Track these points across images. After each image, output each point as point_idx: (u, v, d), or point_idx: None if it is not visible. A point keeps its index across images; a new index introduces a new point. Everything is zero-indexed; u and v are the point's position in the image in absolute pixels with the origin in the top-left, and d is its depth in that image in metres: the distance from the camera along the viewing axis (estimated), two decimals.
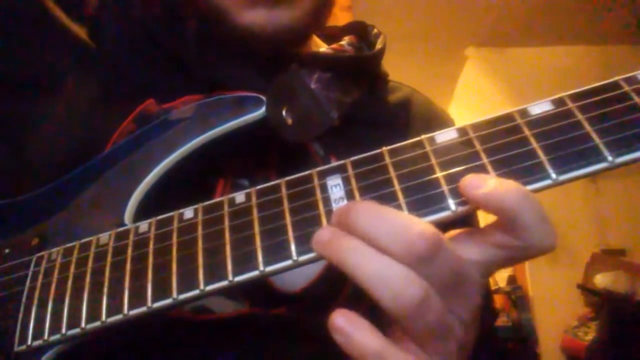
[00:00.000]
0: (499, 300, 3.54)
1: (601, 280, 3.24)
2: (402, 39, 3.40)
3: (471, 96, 4.04)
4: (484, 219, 0.43)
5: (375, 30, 0.72)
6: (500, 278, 3.60)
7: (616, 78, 0.37)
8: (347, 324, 0.35)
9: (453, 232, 0.38)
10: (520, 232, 0.34)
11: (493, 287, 3.31)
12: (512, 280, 3.59)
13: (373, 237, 0.35)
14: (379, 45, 0.69)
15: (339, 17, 2.25)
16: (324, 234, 0.37)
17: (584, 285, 3.26)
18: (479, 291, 0.37)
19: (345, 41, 0.69)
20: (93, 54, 0.59)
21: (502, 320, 3.37)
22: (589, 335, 3.10)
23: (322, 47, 0.70)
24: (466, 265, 0.36)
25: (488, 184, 0.34)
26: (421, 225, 0.34)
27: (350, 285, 0.55)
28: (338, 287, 0.56)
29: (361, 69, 0.67)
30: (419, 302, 0.33)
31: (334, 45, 0.68)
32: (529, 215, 0.34)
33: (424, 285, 0.34)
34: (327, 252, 0.36)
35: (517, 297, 3.47)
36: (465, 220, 0.38)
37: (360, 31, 0.73)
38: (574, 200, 3.43)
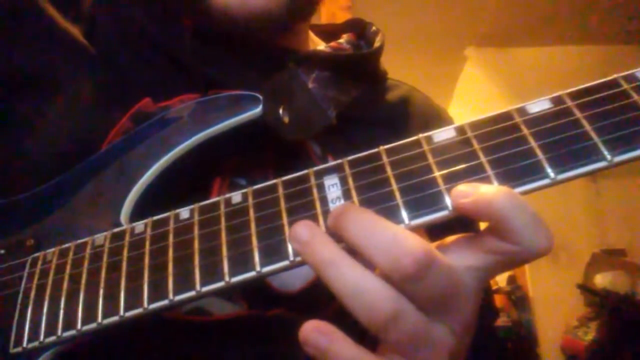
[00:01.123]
0: (499, 300, 3.54)
1: (601, 280, 3.24)
2: (402, 39, 3.40)
3: (471, 96, 4.05)
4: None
5: (374, 28, 0.72)
6: (500, 278, 3.60)
7: (615, 76, 0.37)
8: (319, 337, 0.35)
9: (451, 239, 0.38)
10: (513, 237, 0.34)
11: (493, 287, 3.31)
12: (512, 280, 3.59)
13: (360, 248, 0.34)
14: (377, 43, 0.69)
15: (339, 17, 2.26)
16: (302, 232, 0.36)
17: (584, 285, 3.26)
18: (474, 301, 0.37)
19: (343, 39, 0.69)
20: (90, 54, 0.59)
21: (502, 320, 3.36)
22: (589, 335, 3.10)
23: (320, 45, 0.69)
24: (459, 280, 0.35)
25: (476, 192, 0.34)
26: (411, 243, 0.33)
27: None
28: None
29: (359, 67, 0.67)
30: (391, 317, 0.33)
31: (332, 43, 0.68)
32: (520, 219, 0.33)
33: (397, 300, 0.34)
34: (303, 253, 0.36)
35: (517, 297, 3.48)
36: (466, 221, 0.37)
37: (359, 29, 0.73)
38: (574, 200, 3.43)
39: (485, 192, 0.34)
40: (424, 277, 0.33)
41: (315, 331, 0.35)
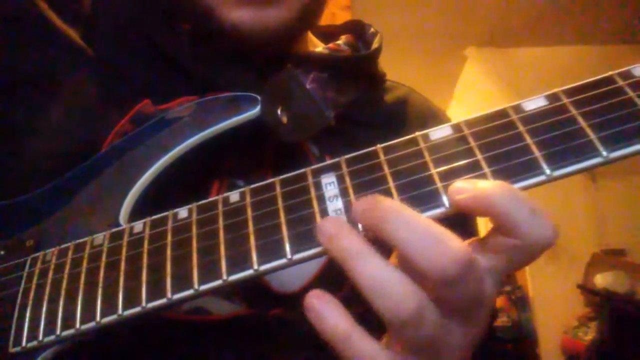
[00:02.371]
0: (499, 300, 3.53)
1: (601, 280, 3.24)
2: (402, 38, 3.40)
3: (471, 96, 4.05)
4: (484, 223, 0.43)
5: (372, 30, 0.72)
6: None
7: (610, 73, 0.37)
8: (320, 305, 0.36)
9: None
10: (514, 230, 0.34)
11: None
12: (512, 280, 3.59)
13: (398, 242, 0.34)
14: (375, 45, 0.69)
15: (338, 16, 2.25)
16: (328, 226, 0.36)
17: (584, 285, 3.26)
18: (490, 309, 0.37)
19: (341, 40, 0.69)
20: (88, 55, 0.59)
21: (502, 320, 3.36)
22: (589, 335, 3.10)
23: (319, 47, 0.70)
24: (486, 288, 0.35)
25: (473, 187, 0.34)
26: (457, 245, 0.32)
27: (347, 286, 0.55)
28: (334, 288, 0.55)
29: (357, 69, 0.67)
30: (414, 315, 0.33)
31: (330, 45, 0.68)
32: (519, 212, 0.33)
33: (422, 300, 0.33)
34: (329, 247, 0.36)
35: (517, 297, 3.48)
36: (463, 222, 0.37)
37: (358, 30, 0.73)
38: (574, 200, 3.43)
39: (482, 188, 0.34)
40: (462, 282, 0.33)
41: (317, 299, 0.36)
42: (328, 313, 0.35)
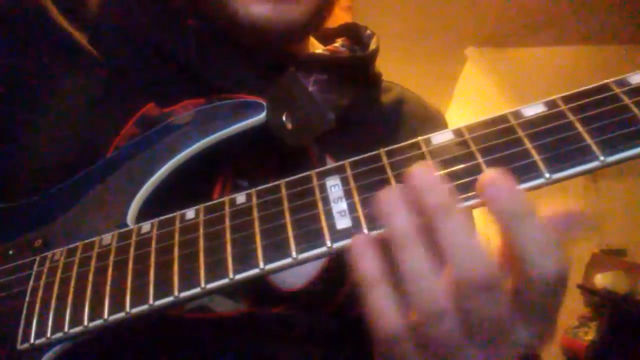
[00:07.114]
0: None
1: (601, 280, 3.23)
2: (402, 39, 3.39)
3: (471, 96, 4.04)
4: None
5: (368, 31, 0.73)
6: None
7: (607, 80, 0.38)
8: (363, 244, 0.37)
9: None
10: (517, 251, 0.35)
11: None
12: None
13: (448, 247, 0.35)
14: (372, 46, 0.69)
15: (339, 17, 2.24)
16: (391, 196, 0.37)
17: (584, 285, 3.25)
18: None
19: (338, 43, 0.70)
20: (93, 57, 0.59)
21: None
22: (589, 335, 3.09)
23: (318, 48, 0.70)
24: (508, 320, 0.36)
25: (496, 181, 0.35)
26: (489, 257, 0.35)
27: (348, 285, 0.56)
28: (336, 287, 0.56)
29: (356, 70, 0.68)
30: (433, 313, 0.35)
31: (329, 47, 0.68)
32: (528, 235, 0.35)
33: (446, 305, 0.35)
34: (384, 217, 0.37)
35: None
36: None
37: (353, 33, 0.74)
38: (574, 200, 3.42)
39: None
40: (486, 292, 0.34)
41: (361, 236, 0.37)
42: (367, 254, 0.36)
